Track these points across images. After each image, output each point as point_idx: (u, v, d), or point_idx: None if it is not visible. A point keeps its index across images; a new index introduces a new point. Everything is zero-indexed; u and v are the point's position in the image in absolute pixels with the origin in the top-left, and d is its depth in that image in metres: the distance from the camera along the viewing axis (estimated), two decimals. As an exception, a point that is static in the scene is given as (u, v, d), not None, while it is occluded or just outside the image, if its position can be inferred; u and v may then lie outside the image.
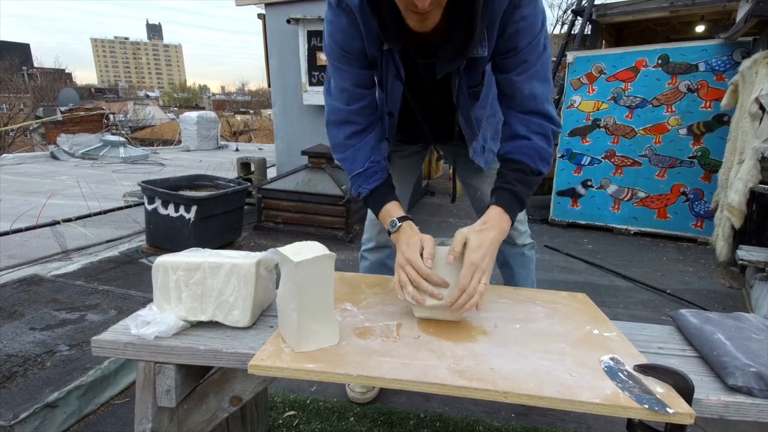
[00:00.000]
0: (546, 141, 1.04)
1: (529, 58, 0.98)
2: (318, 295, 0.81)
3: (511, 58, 0.99)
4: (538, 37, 0.97)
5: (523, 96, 1.02)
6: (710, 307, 2.42)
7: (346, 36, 1.01)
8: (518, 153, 1.03)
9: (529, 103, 1.02)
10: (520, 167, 1.03)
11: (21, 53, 35.70)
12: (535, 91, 1.01)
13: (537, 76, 1.01)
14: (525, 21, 0.94)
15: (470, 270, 0.88)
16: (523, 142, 1.03)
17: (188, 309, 0.89)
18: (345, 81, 1.07)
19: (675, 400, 0.67)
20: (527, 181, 1.03)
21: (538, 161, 1.03)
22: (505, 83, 1.04)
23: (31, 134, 11.87)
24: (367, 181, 1.11)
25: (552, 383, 0.71)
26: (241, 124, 17.06)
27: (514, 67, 1.00)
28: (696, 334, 0.87)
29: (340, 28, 1.00)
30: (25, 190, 5.31)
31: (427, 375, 0.73)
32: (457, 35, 0.92)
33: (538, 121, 1.03)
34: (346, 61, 1.04)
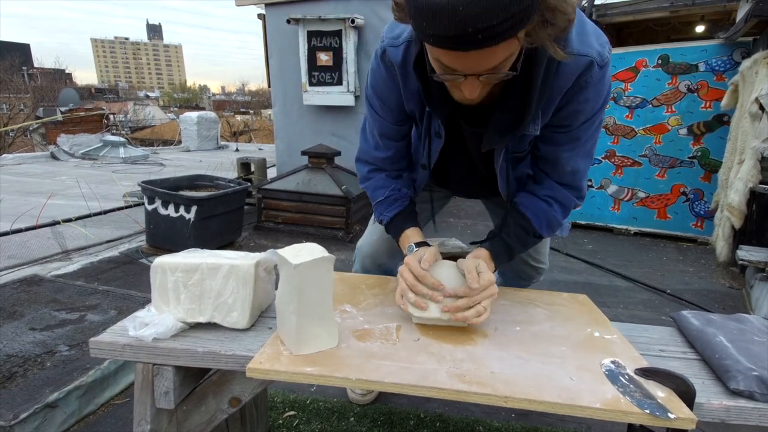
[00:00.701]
0: (564, 212, 1.03)
1: (581, 137, 0.93)
2: (317, 298, 0.81)
3: (562, 134, 0.93)
4: (595, 116, 0.90)
5: (563, 171, 0.99)
6: (710, 308, 2.42)
7: (384, 87, 0.99)
8: (531, 212, 1.01)
9: (568, 177, 1.00)
10: (525, 225, 1.01)
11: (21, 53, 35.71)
12: (577, 167, 0.98)
13: (582, 153, 0.96)
14: (588, 103, 0.86)
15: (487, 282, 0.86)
16: (541, 205, 1.02)
17: (186, 310, 0.88)
18: (374, 128, 1.10)
19: (676, 405, 0.67)
20: (525, 241, 1.03)
21: (545, 227, 1.02)
22: (549, 155, 0.98)
23: (31, 134, 11.86)
24: (388, 209, 1.12)
25: (552, 387, 0.70)
26: (241, 125, 17.05)
27: (564, 142, 0.94)
28: (698, 336, 0.87)
29: (380, 78, 0.98)
30: (25, 190, 5.30)
31: (426, 379, 0.72)
32: (509, 108, 0.84)
33: (567, 194, 1.01)
34: (380, 109, 1.04)
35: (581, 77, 0.82)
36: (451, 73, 0.71)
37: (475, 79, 0.71)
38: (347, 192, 3.38)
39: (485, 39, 0.61)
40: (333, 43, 3.99)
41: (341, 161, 3.86)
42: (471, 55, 0.65)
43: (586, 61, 0.80)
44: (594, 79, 0.82)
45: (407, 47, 0.88)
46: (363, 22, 3.93)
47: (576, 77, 0.82)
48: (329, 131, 4.33)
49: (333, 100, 4.13)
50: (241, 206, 3.25)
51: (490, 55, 0.66)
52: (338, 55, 4.01)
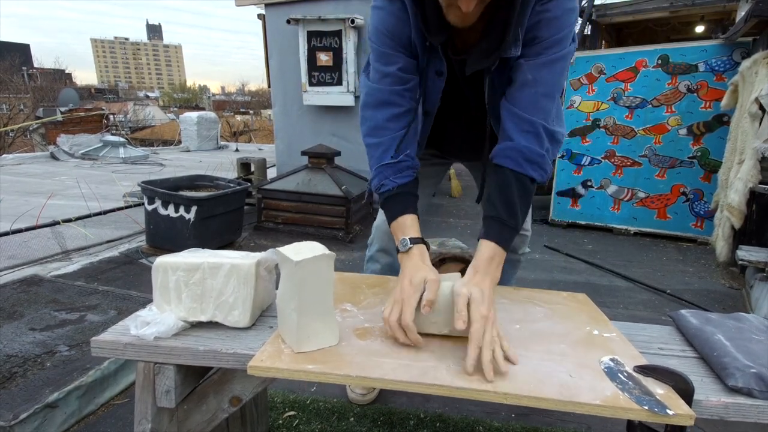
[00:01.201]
0: (535, 140, 0.94)
1: (544, 45, 0.93)
2: (318, 295, 0.81)
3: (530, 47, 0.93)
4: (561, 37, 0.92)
5: (520, 81, 0.94)
6: (710, 308, 2.42)
7: (397, 20, 0.98)
8: (500, 156, 0.96)
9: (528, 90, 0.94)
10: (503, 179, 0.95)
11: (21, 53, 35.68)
12: (535, 77, 0.93)
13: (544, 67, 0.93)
14: (548, 12, 0.90)
15: (481, 323, 0.79)
16: (505, 146, 0.96)
17: (188, 309, 0.89)
18: (390, 66, 1.01)
19: (675, 402, 0.67)
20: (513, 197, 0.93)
21: (523, 163, 0.94)
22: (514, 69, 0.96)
23: (31, 134, 11.86)
24: (397, 175, 1.01)
25: (552, 384, 0.71)
26: (241, 125, 17.05)
27: (528, 52, 0.93)
28: (696, 334, 0.87)
29: (392, 12, 0.98)
30: (25, 190, 5.31)
31: (426, 376, 0.73)
32: (492, 34, 0.90)
33: (528, 118, 0.94)
34: (393, 46, 1.00)
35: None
36: None
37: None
38: (347, 192, 3.39)
39: None
40: (333, 43, 4.00)
41: (341, 161, 3.86)
42: None
43: None
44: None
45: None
46: (363, 22, 3.94)
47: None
48: (329, 131, 4.33)
49: (333, 100, 4.13)
50: (241, 206, 3.26)
51: None
52: (338, 56, 4.01)
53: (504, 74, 0.98)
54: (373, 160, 1.05)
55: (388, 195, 1.01)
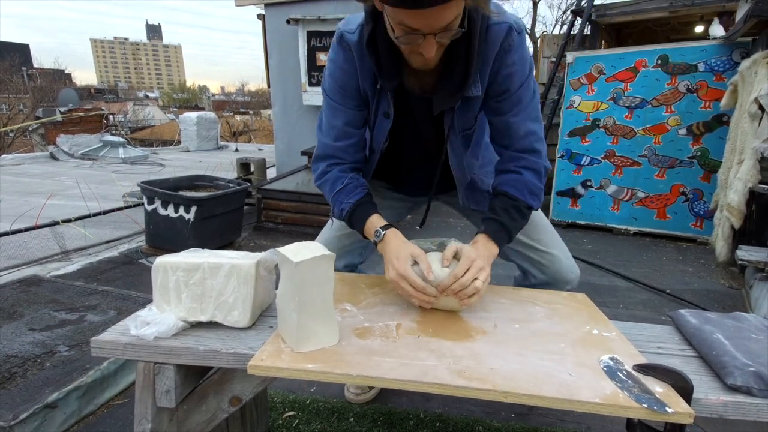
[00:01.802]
0: (536, 176, 1.08)
1: (522, 99, 1.05)
2: (317, 296, 0.81)
3: (506, 101, 1.05)
4: (528, 80, 1.04)
5: (518, 135, 1.07)
6: (710, 307, 2.42)
7: (343, 73, 1.07)
8: (507, 185, 1.08)
9: (524, 141, 1.08)
10: (508, 199, 1.07)
11: (21, 54, 35.67)
12: (529, 129, 1.07)
13: (531, 116, 1.07)
14: (516, 66, 1.01)
15: (467, 262, 0.91)
16: (512, 176, 1.09)
17: (188, 309, 0.89)
18: (337, 119, 1.12)
19: (674, 400, 0.67)
20: (514, 214, 1.06)
21: (527, 194, 1.07)
22: (501, 125, 1.09)
23: (30, 135, 11.86)
24: (349, 196, 1.11)
25: (551, 383, 0.71)
26: (240, 125, 17.05)
27: (510, 108, 1.05)
28: (695, 333, 0.87)
29: (338, 65, 1.07)
30: (25, 190, 5.31)
31: (426, 375, 0.73)
32: (455, 75, 0.98)
33: (531, 158, 1.08)
34: (341, 97, 1.10)
35: (505, 41, 0.97)
36: (413, 33, 0.84)
37: (433, 37, 0.84)
38: None
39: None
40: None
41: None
42: (429, 13, 0.79)
43: (505, 27, 0.96)
44: (515, 42, 0.98)
45: (360, 30, 1.01)
46: (362, 23, 3.93)
47: (501, 41, 0.97)
48: (329, 131, 4.33)
49: (333, 100, 4.13)
50: (241, 206, 3.26)
51: (445, 11, 0.80)
52: (338, 56, 4.01)
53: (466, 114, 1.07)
54: (327, 195, 1.16)
55: (349, 213, 1.10)
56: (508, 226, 1.04)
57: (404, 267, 0.93)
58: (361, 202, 1.10)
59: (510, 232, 1.05)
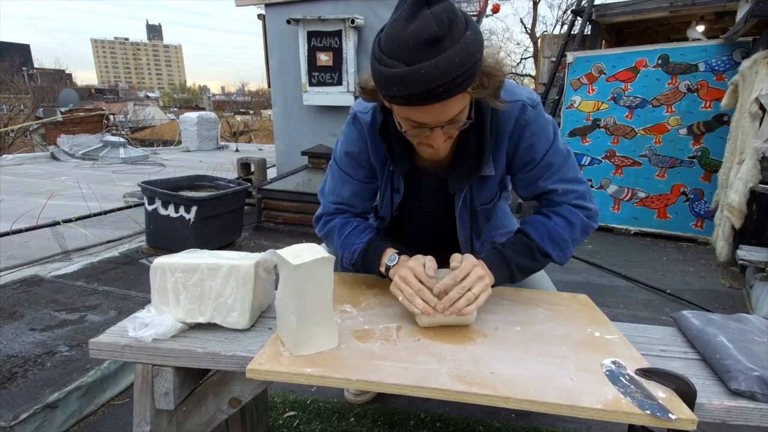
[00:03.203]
0: (569, 228, 1.01)
1: (553, 162, 1.01)
2: (317, 299, 0.80)
3: (533, 170, 1.02)
4: (553, 144, 1.01)
5: (556, 193, 1.03)
6: (710, 307, 2.42)
7: (355, 148, 1.10)
8: (528, 225, 1.03)
9: (565, 197, 1.03)
10: (523, 237, 1.02)
11: (21, 54, 35.68)
12: (567, 189, 1.02)
13: (565, 178, 1.02)
14: (535, 136, 0.99)
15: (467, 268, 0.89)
16: (538, 218, 1.04)
17: (186, 311, 0.88)
18: (344, 188, 1.14)
19: (677, 406, 0.67)
20: (525, 253, 0.99)
21: (546, 240, 1.00)
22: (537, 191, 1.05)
23: (31, 135, 11.87)
24: (359, 237, 1.09)
25: (553, 388, 0.70)
26: (241, 125, 17.06)
27: (540, 175, 1.03)
28: (698, 336, 0.87)
29: (351, 140, 1.10)
30: (25, 190, 5.31)
31: (427, 380, 0.72)
32: (468, 158, 0.99)
33: (569, 208, 1.02)
34: (351, 169, 1.12)
35: (519, 118, 0.98)
36: (420, 127, 0.86)
37: (440, 130, 0.86)
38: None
39: (444, 92, 0.76)
40: (333, 43, 4.00)
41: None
42: (435, 108, 0.80)
43: (518, 104, 0.97)
44: (531, 117, 0.98)
45: (374, 112, 1.04)
46: (363, 23, 3.93)
47: (515, 119, 0.97)
48: (329, 131, 4.33)
49: (333, 100, 4.13)
50: (241, 206, 3.25)
51: (450, 106, 0.81)
52: (338, 56, 4.01)
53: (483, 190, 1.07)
54: (335, 242, 1.13)
55: (362, 253, 1.07)
56: (509, 260, 0.97)
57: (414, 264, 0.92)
58: (373, 240, 1.07)
59: (511, 267, 0.97)
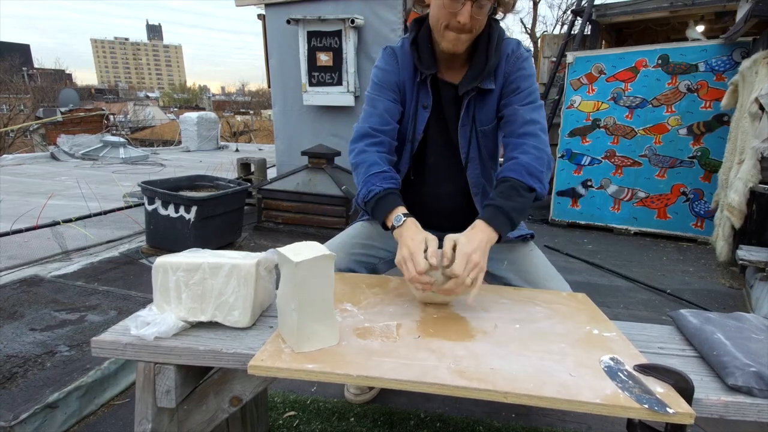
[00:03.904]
0: (536, 159, 1.12)
1: (529, 96, 1.19)
2: (318, 296, 0.81)
3: (516, 95, 1.20)
4: (534, 85, 1.21)
5: (523, 120, 1.16)
6: (710, 307, 2.42)
7: (384, 72, 1.26)
8: (505, 171, 1.13)
9: (527, 127, 1.16)
10: (506, 183, 1.09)
11: (21, 54, 35.67)
12: (533, 118, 1.16)
13: (535, 109, 1.18)
14: (525, 71, 1.20)
15: (463, 259, 0.93)
16: (510, 162, 1.14)
17: (188, 309, 0.89)
18: (376, 106, 1.25)
19: (675, 400, 0.67)
20: (513, 195, 1.07)
21: (526, 176, 1.09)
22: (510, 113, 1.19)
23: (31, 135, 11.87)
24: (383, 181, 1.13)
25: (552, 383, 0.71)
26: (241, 125, 17.07)
27: (519, 100, 1.19)
28: (696, 334, 0.87)
29: (380, 67, 1.27)
30: (25, 190, 5.31)
31: (426, 375, 0.73)
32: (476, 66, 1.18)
33: (531, 143, 1.14)
34: (380, 91, 1.25)
35: (516, 50, 1.21)
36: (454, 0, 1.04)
37: (470, 4, 1.05)
38: (347, 192, 3.39)
39: None
40: (333, 43, 4.00)
41: (341, 161, 3.86)
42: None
43: (516, 41, 1.22)
44: (524, 54, 1.21)
45: (403, 40, 1.27)
46: (363, 23, 3.94)
47: (512, 48, 1.20)
48: (329, 131, 4.33)
49: (333, 100, 4.13)
50: (241, 206, 3.26)
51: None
52: (338, 56, 4.01)
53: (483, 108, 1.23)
54: (360, 176, 1.18)
55: (377, 197, 1.12)
56: (504, 209, 1.04)
57: (417, 248, 0.96)
58: (393, 191, 1.13)
59: (508, 214, 1.04)
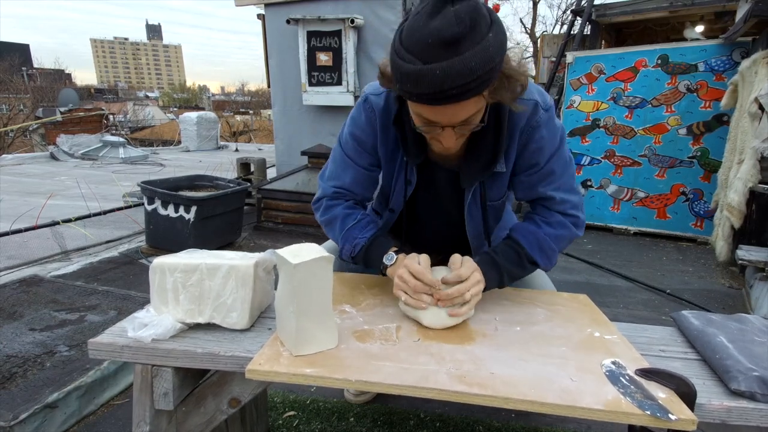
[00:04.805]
0: (557, 239, 1.03)
1: (555, 169, 1.02)
2: (316, 298, 0.80)
3: (536, 174, 1.03)
4: (559, 150, 1.01)
5: (553, 202, 1.04)
6: (710, 307, 2.42)
7: (362, 133, 1.07)
8: (519, 233, 1.04)
9: (559, 207, 1.05)
10: (513, 246, 1.03)
11: (21, 54, 35.57)
12: (564, 198, 1.04)
13: (564, 187, 1.04)
14: (544, 140, 0.99)
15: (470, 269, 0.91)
16: (529, 227, 1.05)
17: (186, 311, 0.88)
18: (346, 173, 1.12)
19: (677, 406, 0.67)
20: (516, 262, 1.01)
21: (536, 249, 1.02)
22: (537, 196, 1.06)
23: (30, 135, 11.85)
24: (363, 231, 1.07)
25: (553, 389, 0.70)
26: (240, 125, 17.06)
27: (541, 180, 1.03)
28: (698, 336, 0.86)
29: (359, 125, 1.07)
30: (25, 190, 5.30)
31: (426, 380, 0.72)
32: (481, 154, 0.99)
33: (560, 218, 1.04)
34: (355, 153, 1.10)
35: (531, 118, 0.97)
36: (431, 125, 0.86)
37: (451, 130, 0.86)
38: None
39: (457, 95, 0.75)
40: (333, 43, 3.99)
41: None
42: (447, 109, 0.80)
43: (531, 103, 0.96)
44: (542, 119, 0.98)
45: (387, 96, 1.03)
46: (363, 22, 3.93)
47: (527, 118, 0.97)
48: (329, 131, 4.33)
49: (332, 100, 4.13)
50: (241, 206, 3.25)
51: (463, 108, 0.81)
52: (338, 56, 4.01)
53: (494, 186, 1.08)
54: (336, 232, 1.11)
55: (364, 249, 1.05)
56: (501, 267, 0.99)
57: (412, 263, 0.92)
58: (378, 236, 1.07)
59: (501, 273, 0.99)
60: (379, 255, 1.03)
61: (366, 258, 1.06)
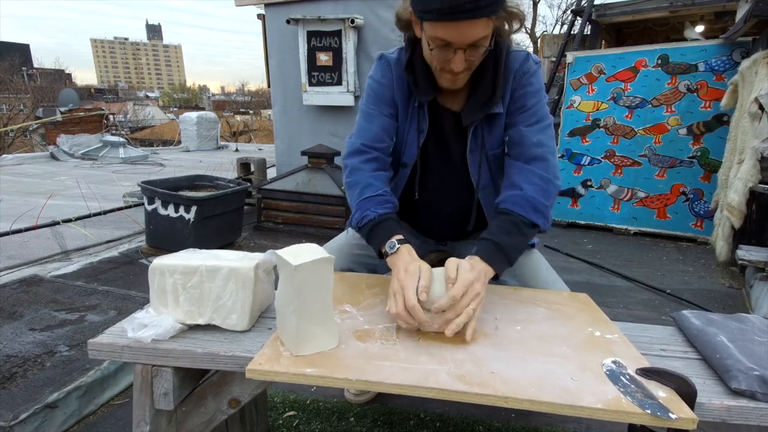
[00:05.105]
0: (542, 192, 1.05)
1: (536, 114, 1.11)
2: (317, 299, 0.80)
3: (521, 114, 1.12)
4: (542, 101, 1.13)
5: (530, 143, 1.09)
6: (710, 307, 2.42)
7: (380, 85, 1.18)
8: (508, 203, 1.06)
9: (535, 150, 1.09)
10: (508, 218, 1.03)
11: (21, 54, 35.58)
12: (541, 140, 1.09)
13: (543, 130, 1.11)
14: (532, 86, 1.11)
15: (464, 285, 0.85)
16: (514, 193, 1.06)
17: (185, 312, 0.88)
18: (372, 123, 1.18)
19: (677, 405, 0.67)
20: (514, 232, 1.01)
21: (530, 211, 1.03)
22: (515, 134, 1.12)
23: (30, 135, 11.86)
24: (378, 206, 1.08)
25: (553, 388, 0.70)
26: (240, 125, 17.06)
27: (524, 120, 1.11)
28: (698, 336, 0.87)
29: (376, 79, 1.19)
30: (25, 190, 5.30)
31: (427, 380, 0.72)
32: (481, 93, 1.09)
33: (538, 171, 1.07)
34: (376, 106, 1.18)
35: (524, 64, 1.11)
36: (445, 47, 0.95)
37: (462, 52, 0.96)
38: None
39: (472, 9, 0.87)
40: (333, 43, 3.99)
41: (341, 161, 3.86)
42: (461, 26, 0.91)
43: (524, 53, 1.12)
44: (532, 68, 1.11)
45: (399, 51, 1.16)
46: (363, 22, 3.93)
47: (519, 64, 1.10)
48: (329, 131, 4.33)
49: (333, 100, 4.13)
50: (241, 206, 3.25)
51: (475, 27, 0.91)
52: (338, 55, 4.01)
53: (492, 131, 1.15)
54: (353, 198, 1.14)
55: (372, 224, 1.06)
56: (504, 247, 0.98)
57: (408, 283, 0.88)
58: (389, 217, 1.07)
59: (507, 252, 0.98)
60: (383, 238, 1.03)
61: (370, 234, 1.08)
